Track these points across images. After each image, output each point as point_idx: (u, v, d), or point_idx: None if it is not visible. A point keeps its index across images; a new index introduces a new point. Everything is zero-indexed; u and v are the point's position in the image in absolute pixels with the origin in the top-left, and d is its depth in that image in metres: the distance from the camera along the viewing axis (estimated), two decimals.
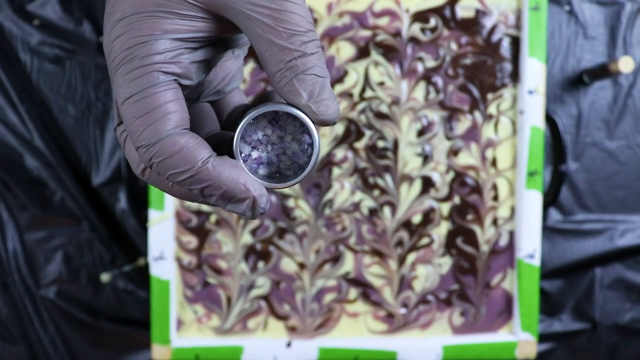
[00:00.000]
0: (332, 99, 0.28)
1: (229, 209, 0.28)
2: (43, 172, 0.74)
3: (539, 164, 0.68)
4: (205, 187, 0.27)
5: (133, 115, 0.27)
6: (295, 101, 0.27)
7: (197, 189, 0.27)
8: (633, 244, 0.77)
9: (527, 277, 0.69)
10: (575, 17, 0.75)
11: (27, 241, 0.75)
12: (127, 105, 0.27)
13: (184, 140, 0.27)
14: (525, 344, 0.69)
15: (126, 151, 0.29)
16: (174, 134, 0.27)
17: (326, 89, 0.27)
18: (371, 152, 0.69)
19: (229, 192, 0.27)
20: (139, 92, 0.27)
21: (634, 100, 0.76)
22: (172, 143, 0.27)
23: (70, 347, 0.76)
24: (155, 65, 0.27)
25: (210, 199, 0.27)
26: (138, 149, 0.27)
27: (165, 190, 0.29)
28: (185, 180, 0.27)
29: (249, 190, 0.27)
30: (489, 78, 0.69)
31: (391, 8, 0.68)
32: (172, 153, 0.26)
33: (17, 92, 0.74)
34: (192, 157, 0.27)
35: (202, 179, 0.27)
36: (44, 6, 0.74)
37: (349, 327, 0.70)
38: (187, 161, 0.27)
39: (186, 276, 0.69)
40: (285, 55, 0.27)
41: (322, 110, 0.27)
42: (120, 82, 0.27)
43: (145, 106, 0.27)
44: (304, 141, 0.29)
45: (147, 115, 0.27)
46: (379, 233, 0.69)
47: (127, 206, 0.75)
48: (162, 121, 0.27)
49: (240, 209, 0.28)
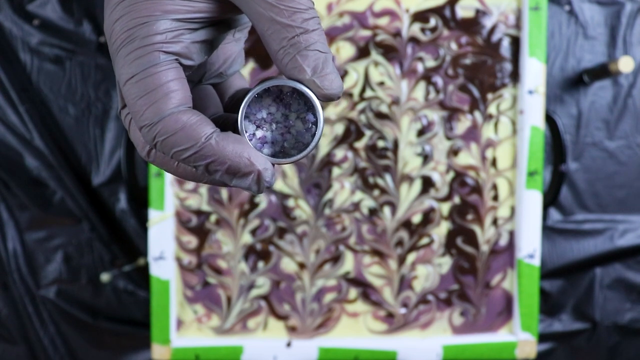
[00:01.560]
0: (335, 74, 0.28)
1: (235, 184, 0.28)
2: (43, 172, 0.74)
3: (539, 164, 0.68)
4: (209, 162, 0.27)
5: (135, 95, 0.27)
6: (299, 77, 0.27)
7: (201, 165, 0.27)
8: (633, 244, 0.77)
9: (527, 277, 0.69)
10: (575, 17, 0.75)
11: (27, 241, 0.75)
12: (129, 85, 0.27)
13: (186, 117, 0.27)
14: (525, 344, 0.69)
15: (131, 133, 0.29)
16: (176, 112, 0.27)
17: (329, 64, 0.28)
18: (371, 152, 0.69)
19: (234, 167, 0.27)
20: (141, 72, 0.27)
21: (634, 100, 0.76)
22: (174, 121, 0.27)
23: (70, 347, 0.76)
24: (156, 45, 0.27)
25: (215, 174, 0.27)
26: (141, 128, 0.27)
27: (171, 171, 0.29)
28: (190, 157, 0.27)
29: (253, 164, 0.27)
30: (489, 78, 0.69)
31: (391, 8, 0.68)
32: (175, 130, 0.27)
33: (17, 92, 0.74)
34: (195, 133, 0.27)
35: (205, 154, 0.27)
36: (44, 6, 0.74)
37: (349, 327, 0.70)
38: (190, 138, 0.27)
39: (186, 276, 0.69)
40: (287, 32, 0.27)
41: (326, 85, 0.28)
42: (122, 63, 0.27)
43: (147, 86, 0.27)
44: (308, 120, 0.29)
45: (149, 94, 0.27)
46: (379, 233, 0.69)
47: (127, 206, 0.75)
48: (164, 100, 0.27)
49: (245, 183, 0.28)
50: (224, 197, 0.69)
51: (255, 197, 0.69)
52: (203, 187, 0.69)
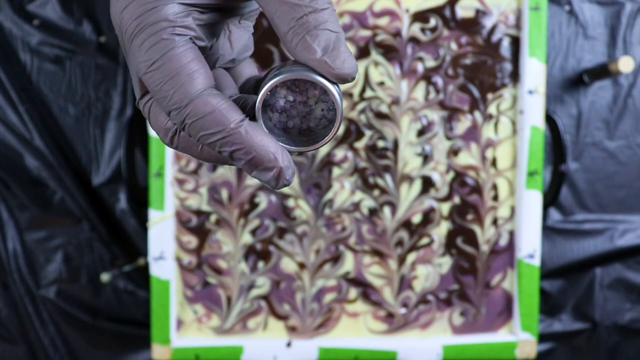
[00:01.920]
0: (348, 53, 0.27)
1: (255, 176, 0.28)
2: (43, 172, 0.74)
3: (539, 164, 0.68)
4: (235, 150, 0.27)
5: (159, 81, 0.27)
6: (309, 57, 0.27)
7: (227, 151, 0.27)
8: (633, 244, 0.77)
9: (527, 277, 0.69)
10: (575, 17, 0.75)
11: (27, 241, 0.75)
12: (151, 73, 0.27)
13: (215, 101, 0.27)
14: (525, 344, 0.69)
15: (151, 122, 0.29)
16: (205, 95, 0.27)
17: (341, 43, 0.27)
18: (371, 152, 0.69)
19: (258, 159, 0.27)
20: (160, 58, 0.27)
21: (634, 100, 0.76)
22: (204, 104, 0.27)
23: (70, 347, 0.76)
24: (169, 29, 0.27)
25: (238, 162, 0.27)
26: (170, 113, 0.27)
27: (194, 155, 0.29)
28: (217, 142, 0.27)
29: (277, 160, 0.27)
30: (489, 78, 0.69)
31: (391, 8, 0.68)
32: (205, 114, 0.26)
33: (17, 92, 0.74)
34: (225, 118, 0.27)
35: (233, 141, 0.27)
36: (44, 6, 0.74)
37: (349, 327, 0.70)
38: (220, 123, 0.27)
39: (186, 276, 0.69)
40: (295, 12, 0.26)
41: (338, 64, 0.27)
42: (138, 52, 0.27)
43: (170, 70, 0.27)
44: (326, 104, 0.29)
45: (173, 78, 0.27)
46: (379, 233, 0.69)
47: (127, 206, 0.75)
48: (189, 81, 0.27)
49: (265, 177, 0.27)
50: (224, 197, 0.69)
51: (255, 197, 0.69)
52: (203, 187, 0.69)
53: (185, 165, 0.68)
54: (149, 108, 0.29)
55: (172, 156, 0.68)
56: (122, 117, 0.74)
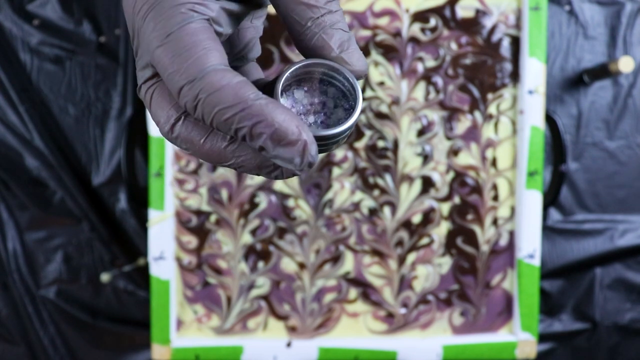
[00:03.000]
0: (360, 52, 0.28)
1: (276, 154, 0.25)
2: (43, 172, 0.74)
3: (539, 164, 0.68)
4: (255, 123, 0.25)
5: (173, 54, 0.25)
6: (325, 54, 0.28)
7: (246, 126, 0.25)
8: (633, 244, 0.77)
9: (527, 277, 0.69)
10: (576, 17, 0.75)
11: (27, 241, 0.75)
12: (165, 46, 0.26)
13: (231, 75, 0.25)
14: (525, 344, 0.69)
15: (153, 108, 0.28)
16: (221, 69, 0.25)
17: (353, 42, 0.28)
18: (371, 152, 0.69)
19: (281, 132, 0.25)
20: (176, 31, 0.26)
21: (634, 100, 0.76)
22: (220, 77, 0.25)
23: (70, 347, 0.76)
24: (188, 5, 0.26)
25: (258, 139, 0.25)
26: (182, 88, 0.25)
27: (194, 148, 0.27)
28: (235, 117, 0.25)
29: (302, 133, 0.25)
30: (489, 78, 0.69)
31: (391, 8, 0.68)
32: (221, 86, 0.25)
33: (17, 92, 0.74)
34: (242, 92, 0.25)
35: (253, 113, 0.25)
36: (44, 6, 0.74)
37: (349, 327, 0.70)
38: (238, 95, 0.25)
39: (186, 276, 0.69)
40: (312, 12, 0.27)
41: (354, 62, 0.28)
42: (153, 26, 0.26)
43: (186, 42, 0.25)
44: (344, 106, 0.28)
45: (189, 51, 0.25)
46: (379, 233, 0.69)
47: (127, 206, 0.75)
48: (205, 55, 0.25)
49: (289, 153, 0.25)
50: (224, 197, 0.69)
51: (255, 197, 0.69)
52: (203, 187, 0.69)
53: (185, 165, 0.68)
54: (151, 93, 0.28)
55: (172, 156, 0.68)
56: (122, 117, 0.74)
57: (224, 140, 0.27)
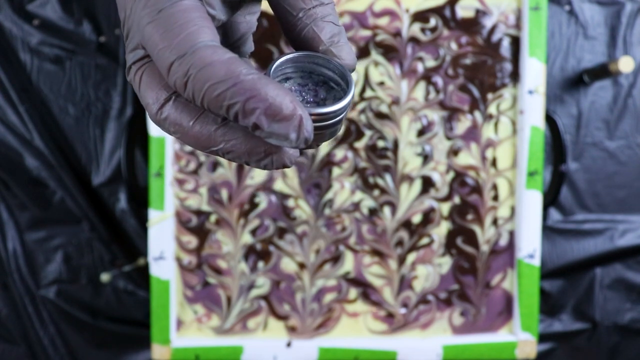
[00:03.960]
0: (349, 46, 0.28)
1: (271, 130, 0.24)
2: (43, 172, 0.74)
3: (539, 164, 0.68)
4: (249, 98, 0.24)
5: (164, 29, 0.25)
6: (315, 46, 0.28)
7: (239, 101, 0.24)
8: (633, 244, 0.77)
9: (527, 277, 0.69)
10: (576, 17, 0.75)
11: (27, 241, 0.75)
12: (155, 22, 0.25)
13: (222, 51, 0.24)
14: (525, 344, 0.69)
15: (142, 89, 0.27)
16: (212, 45, 0.25)
17: (343, 36, 0.28)
18: (371, 152, 0.69)
19: (275, 106, 0.24)
20: (168, 7, 0.25)
21: (634, 100, 0.76)
22: (211, 52, 0.24)
23: (70, 347, 0.76)
24: None
25: (251, 115, 0.24)
26: (172, 64, 0.25)
27: (183, 131, 0.26)
28: (227, 92, 0.24)
29: (297, 108, 0.24)
30: (489, 78, 0.69)
31: (391, 8, 0.68)
32: (212, 61, 0.24)
33: (17, 92, 0.74)
34: (234, 67, 0.24)
35: (246, 88, 0.24)
36: (44, 6, 0.74)
37: (349, 327, 0.70)
38: (229, 70, 0.24)
39: (186, 276, 0.69)
40: (304, 3, 0.27)
41: (343, 55, 0.28)
42: (144, 4, 0.25)
43: (177, 18, 0.25)
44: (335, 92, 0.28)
45: (180, 26, 0.25)
46: (379, 233, 0.69)
47: (127, 206, 0.75)
48: (196, 32, 0.25)
49: (285, 128, 0.24)
50: (224, 197, 0.69)
51: (255, 197, 0.69)
52: (203, 187, 0.69)
53: (185, 165, 0.68)
54: (140, 74, 0.27)
55: (172, 156, 0.68)
56: (122, 117, 0.74)
57: (214, 122, 0.26)
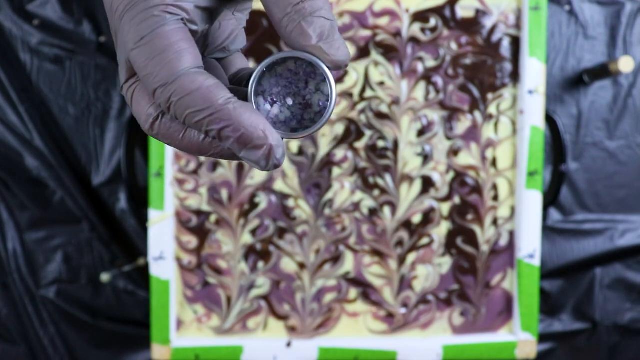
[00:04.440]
0: (342, 41, 0.27)
1: (244, 156, 0.27)
2: (43, 172, 0.74)
3: (539, 164, 0.68)
4: (223, 127, 0.26)
5: (146, 57, 0.26)
6: (305, 44, 0.27)
7: (214, 129, 0.26)
8: (633, 244, 0.77)
9: (527, 277, 0.69)
10: (576, 17, 0.75)
11: (27, 241, 0.75)
12: (139, 49, 0.27)
13: (202, 78, 0.26)
14: (525, 344, 0.69)
15: (134, 106, 0.29)
16: (192, 72, 0.26)
17: (335, 31, 0.27)
18: (371, 152, 0.69)
19: (247, 136, 0.26)
20: (149, 34, 0.26)
21: (634, 100, 0.76)
22: (191, 81, 0.26)
23: (70, 347, 0.76)
24: (161, 7, 0.26)
25: (226, 142, 0.27)
26: (155, 91, 0.27)
27: (175, 143, 0.29)
28: (203, 120, 0.26)
29: (267, 137, 0.26)
30: (489, 78, 0.69)
31: (391, 8, 0.68)
32: (192, 90, 0.26)
33: (17, 92, 0.74)
34: (212, 95, 0.26)
35: (221, 117, 0.26)
36: (44, 6, 0.74)
37: (349, 327, 0.70)
38: (207, 99, 0.26)
39: (186, 276, 0.69)
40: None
41: (333, 52, 0.27)
42: (128, 28, 0.27)
43: (158, 46, 0.26)
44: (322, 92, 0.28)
45: (161, 55, 0.26)
46: (379, 233, 0.69)
47: (127, 206, 0.75)
48: (177, 59, 0.26)
49: (255, 156, 0.27)
50: (224, 197, 0.69)
51: (255, 197, 0.69)
52: (203, 187, 0.69)
53: (185, 165, 0.68)
54: (132, 92, 0.29)
55: (172, 156, 0.68)
56: (122, 117, 0.74)
57: (200, 135, 0.28)
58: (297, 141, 0.68)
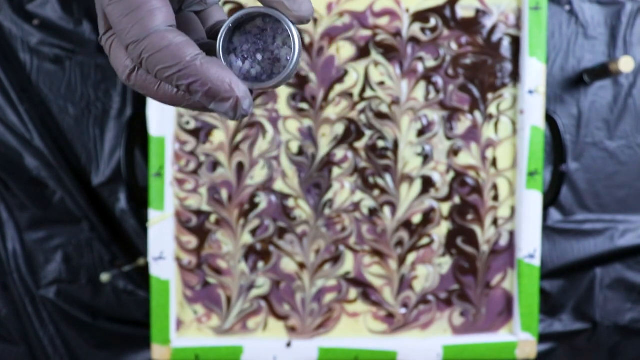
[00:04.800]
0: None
1: (213, 108, 0.29)
2: (43, 172, 0.74)
3: (539, 164, 0.68)
4: (191, 82, 0.28)
5: (120, 13, 0.28)
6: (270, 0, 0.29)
7: (183, 84, 0.28)
8: (633, 244, 0.76)
9: (527, 277, 0.68)
10: (576, 17, 0.75)
11: (27, 241, 0.75)
12: (114, 5, 0.28)
13: (172, 36, 0.28)
14: (525, 344, 0.69)
15: (112, 58, 0.30)
16: (163, 30, 0.28)
17: None
18: (371, 152, 0.69)
19: (214, 90, 0.28)
20: None
21: (634, 100, 0.76)
22: (160, 38, 0.28)
23: (70, 347, 0.76)
24: None
25: (195, 95, 0.28)
26: (128, 46, 0.28)
27: (150, 94, 0.30)
28: (173, 76, 0.28)
29: (233, 89, 0.28)
30: (489, 78, 0.69)
31: (391, 8, 0.68)
32: (161, 48, 0.27)
33: (17, 92, 0.74)
34: (181, 52, 0.28)
35: (189, 74, 0.28)
36: (44, 6, 0.74)
37: (349, 327, 0.70)
38: (176, 56, 0.28)
39: (186, 276, 0.69)
40: None
41: (295, 7, 0.29)
42: None
43: (131, 3, 0.28)
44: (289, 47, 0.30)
45: (134, 12, 0.27)
46: (379, 233, 0.69)
47: (127, 206, 0.75)
48: (149, 17, 0.27)
49: (223, 108, 0.28)
50: (224, 197, 0.69)
51: (255, 197, 0.69)
52: (203, 187, 0.69)
53: (185, 165, 0.68)
54: (110, 44, 0.30)
55: (172, 156, 0.68)
56: (122, 117, 0.74)
57: (173, 88, 0.29)
58: (297, 141, 0.68)
